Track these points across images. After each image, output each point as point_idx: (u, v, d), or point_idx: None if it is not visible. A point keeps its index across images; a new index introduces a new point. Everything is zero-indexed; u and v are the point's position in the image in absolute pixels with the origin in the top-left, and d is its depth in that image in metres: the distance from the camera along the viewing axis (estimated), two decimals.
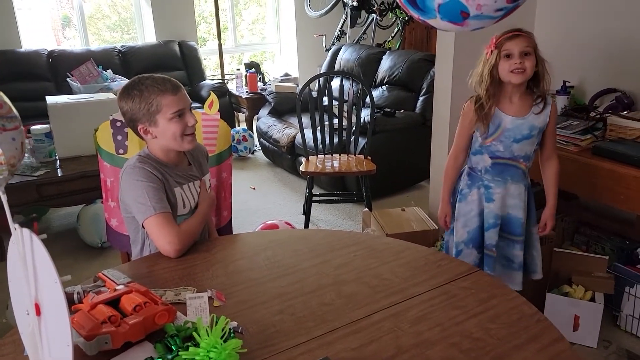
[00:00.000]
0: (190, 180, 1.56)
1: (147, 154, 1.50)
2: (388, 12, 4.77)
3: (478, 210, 1.83)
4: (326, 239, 1.51)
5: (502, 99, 1.72)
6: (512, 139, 1.72)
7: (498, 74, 1.66)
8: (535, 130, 1.72)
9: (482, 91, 1.70)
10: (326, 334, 1.06)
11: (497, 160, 1.77)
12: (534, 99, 1.73)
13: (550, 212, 1.85)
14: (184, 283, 1.26)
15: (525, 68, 1.62)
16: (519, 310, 1.13)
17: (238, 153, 4.57)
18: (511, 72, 1.63)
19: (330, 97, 3.04)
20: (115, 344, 0.96)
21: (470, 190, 1.84)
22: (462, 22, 1.12)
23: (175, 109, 1.42)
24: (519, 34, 1.63)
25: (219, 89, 4.76)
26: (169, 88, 1.43)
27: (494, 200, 1.79)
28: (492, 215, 1.80)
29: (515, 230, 1.81)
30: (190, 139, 1.48)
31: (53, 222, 3.39)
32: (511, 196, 1.79)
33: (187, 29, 5.31)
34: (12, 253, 0.86)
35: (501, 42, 1.64)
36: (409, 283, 1.24)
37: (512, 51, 1.62)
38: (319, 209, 3.42)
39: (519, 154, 1.74)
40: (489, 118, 1.71)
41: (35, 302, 0.83)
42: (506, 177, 1.78)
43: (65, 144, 2.96)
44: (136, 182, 1.41)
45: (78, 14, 5.03)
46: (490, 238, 1.81)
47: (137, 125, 1.46)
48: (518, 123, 1.71)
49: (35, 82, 4.36)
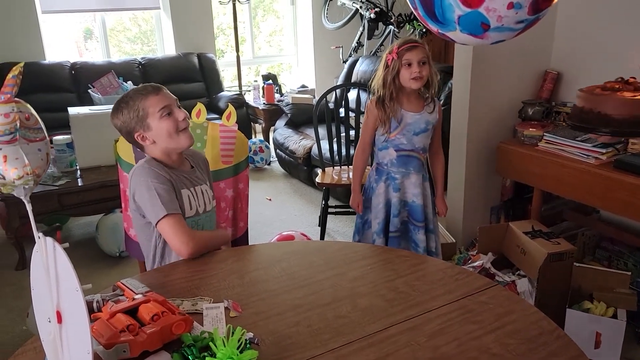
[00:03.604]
0: (197, 183, 1.59)
1: (151, 158, 1.54)
2: (406, 24, 4.78)
3: (384, 201, 2.08)
4: (342, 251, 1.51)
5: (402, 99, 1.99)
6: (412, 132, 2.00)
7: (399, 79, 1.93)
8: (430, 125, 2.02)
9: (386, 93, 1.96)
10: (342, 347, 1.05)
11: (401, 153, 2.03)
12: (424, 99, 2.02)
13: (440, 197, 2.17)
14: (201, 293, 1.26)
15: (423, 76, 1.91)
16: (538, 326, 1.11)
17: (254, 164, 4.60)
18: (412, 79, 1.90)
19: (347, 109, 3.05)
20: (134, 352, 0.97)
21: (378, 184, 2.09)
22: (482, 34, 1.12)
23: (161, 105, 1.47)
24: (417, 45, 1.90)
25: (236, 101, 4.81)
26: (149, 90, 1.49)
27: (400, 189, 2.06)
28: (398, 202, 2.06)
29: (418, 216, 2.07)
30: (186, 134, 1.51)
31: (73, 231, 3.44)
32: (413, 185, 2.05)
33: (206, 41, 5.39)
34: (36, 261, 0.88)
35: (402, 52, 1.90)
36: (425, 297, 1.23)
37: (411, 61, 1.89)
38: (334, 221, 3.41)
39: (418, 146, 2.02)
40: (390, 116, 1.97)
41: (56, 309, 0.85)
42: (409, 167, 2.04)
43: (86, 154, 3.01)
44: (147, 183, 1.44)
45: (100, 27, 5.14)
46: (395, 224, 2.07)
47: (133, 135, 1.50)
48: (416, 118, 1.99)
49: (58, 94, 4.46)
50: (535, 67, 2.70)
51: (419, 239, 2.08)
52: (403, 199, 2.07)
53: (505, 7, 1.03)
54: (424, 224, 2.08)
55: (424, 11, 1.15)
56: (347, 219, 3.44)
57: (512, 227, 2.40)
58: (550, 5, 1.10)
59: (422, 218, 2.07)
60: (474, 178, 2.73)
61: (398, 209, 2.06)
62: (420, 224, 2.07)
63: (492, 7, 1.03)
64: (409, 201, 2.08)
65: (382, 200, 2.08)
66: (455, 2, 1.07)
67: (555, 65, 2.72)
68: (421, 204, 2.06)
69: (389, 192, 2.07)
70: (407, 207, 2.09)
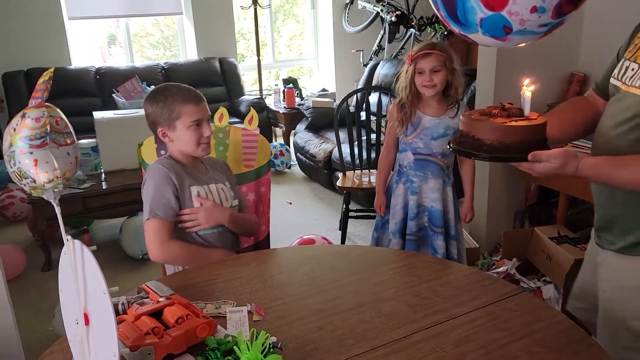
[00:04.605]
0: (211, 182, 1.61)
1: (168, 155, 1.59)
2: (427, 26, 4.75)
3: (403, 203, 2.06)
4: (365, 255, 1.50)
5: (422, 102, 1.97)
6: (430, 137, 1.96)
7: (415, 85, 1.93)
8: (450, 130, 1.94)
9: (405, 97, 1.95)
10: (366, 353, 1.04)
11: (418, 156, 2.00)
12: (448, 104, 1.97)
13: (468, 204, 2.10)
14: (224, 297, 1.27)
15: (435, 83, 1.88)
16: (567, 334, 1.08)
17: (275, 168, 4.62)
18: (423, 86, 1.89)
19: (368, 112, 3.04)
20: (158, 355, 0.97)
21: (398, 185, 2.07)
22: (504, 37, 1.10)
23: (195, 118, 1.50)
24: (430, 52, 1.87)
25: (257, 104, 4.83)
26: (192, 98, 1.51)
27: (417, 192, 2.03)
28: (415, 206, 2.03)
29: (437, 221, 2.03)
30: (204, 146, 1.55)
31: (96, 233, 3.49)
32: (431, 190, 2.02)
33: (227, 45, 5.44)
34: (64, 263, 0.89)
35: (415, 60, 1.89)
36: (450, 303, 1.21)
37: (424, 69, 1.88)
38: (355, 225, 3.40)
39: (436, 151, 1.97)
40: (407, 119, 1.96)
41: (84, 312, 0.86)
42: (427, 172, 2.00)
43: (110, 158, 3.06)
44: (149, 183, 1.51)
45: (124, 32, 5.23)
46: (411, 227, 2.05)
47: (157, 128, 1.54)
48: (435, 122, 1.95)
49: (83, 98, 4.54)
50: (561, 69, 2.65)
51: (437, 245, 2.05)
52: (421, 203, 2.05)
53: (529, 10, 1.01)
54: (443, 230, 2.04)
55: (446, 13, 1.14)
56: (368, 223, 3.42)
57: (537, 232, 2.35)
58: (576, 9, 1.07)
59: (441, 224, 2.03)
60: (498, 182, 2.69)
61: (415, 212, 2.04)
62: (439, 230, 2.04)
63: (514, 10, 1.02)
64: (427, 206, 2.05)
65: (401, 201, 2.07)
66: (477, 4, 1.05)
67: (582, 67, 2.66)
68: (440, 210, 2.02)
69: (407, 194, 2.06)
70: (427, 211, 2.06)
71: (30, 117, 0.87)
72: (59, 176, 0.87)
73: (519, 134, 1.09)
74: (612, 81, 1.25)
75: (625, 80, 1.18)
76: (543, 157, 1.09)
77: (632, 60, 1.18)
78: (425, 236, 2.08)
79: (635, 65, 1.17)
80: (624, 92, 1.18)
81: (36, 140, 0.86)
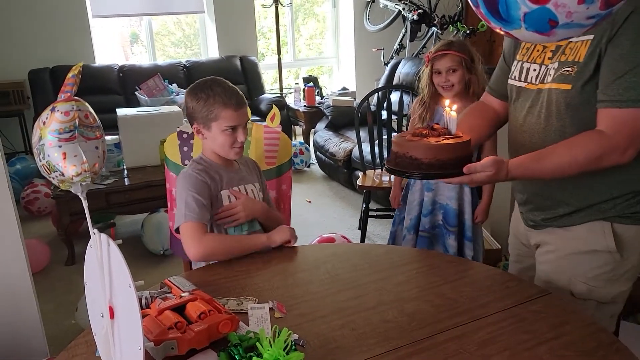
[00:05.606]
0: (241, 183, 1.61)
1: (201, 157, 1.59)
2: (449, 25, 4.70)
3: (419, 199, 2.08)
4: (387, 254, 1.49)
5: (443, 99, 1.92)
6: None
7: (434, 84, 1.97)
8: None
9: (426, 94, 2.00)
10: (388, 352, 1.03)
11: None
12: (470, 101, 1.92)
13: (484, 206, 2.09)
14: (246, 293, 1.27)
15: (453, 84, 1.92)
16: (595, 338, 1.05)
17: (294, 166, 4.62)
18: (441, 86, 1.93)
19: (389, 111, 3.02)
20: (181, 350, 0.97)
21: (415, 180, 2.08)
22: (549, 31, 1.06)
23: (231, 123, 1.50)
24: (446, 53, 1.90)
25: (277, 103, 4.85)
26: (233, 103, 1.50)
27: (433, 189, 2.04)
28: (430, 202, 2.04)
29: (451, 220, 2.03)
30: (237, 150, 1.55)
31: (118, 229, 3.54)
32: (447, 188, 2.02)
33: (248, 44, 5.47)
34: (90, 257, 0.90)
35: (432, 60, 1.92)
36: (474, 304, 1.19)
37: (439, 69, 1.92)
38: (375, 224, 3.38)
39: None
40: (427, 116, 1.99)
41: (109, 305, 0.86)
42: None
43: (133, 154, 3.10)
44: (183, 190, 1.50)
45: (147, 31, 5.29)
46: (424, 224, 2.06)
47: (193, 123, 1.55)
48: None
49: (107, 95, 4.61)
50: None
51: (449, 244, 2.05)
52: (437, 199, 2.06)
53: (576, 2, 0.97)
54: (456, 229, 2.04)
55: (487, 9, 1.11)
56: (387, 222, 3.40)
57: None
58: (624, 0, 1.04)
59: (455, 223, 2.03)
60: None
61: (429, 208, 2.05)
62: (452, 229, 2.04)
63: (561, 2, 0.98)
64: (443, 203, 2.05)
65: (417, 197, 2.08)
66: None
67: None
68: (455, 209, 2.03)
69: (423, 190, 2.08)
70: (442, 209, 2.06)
71: (59, 110, 0.88)
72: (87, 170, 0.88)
73: (451, 151, 1.19)
74: (513, 82, 1.36)
75: (531, 80, 1.30)
76: (478, 167, 1.19)
77: (531, 61, 1.31)
78: (439, 234, 2.10)
79: (536, 65, 1.29)
80: (531, 90, 1.30)
81: (65, 134, 0.87)
